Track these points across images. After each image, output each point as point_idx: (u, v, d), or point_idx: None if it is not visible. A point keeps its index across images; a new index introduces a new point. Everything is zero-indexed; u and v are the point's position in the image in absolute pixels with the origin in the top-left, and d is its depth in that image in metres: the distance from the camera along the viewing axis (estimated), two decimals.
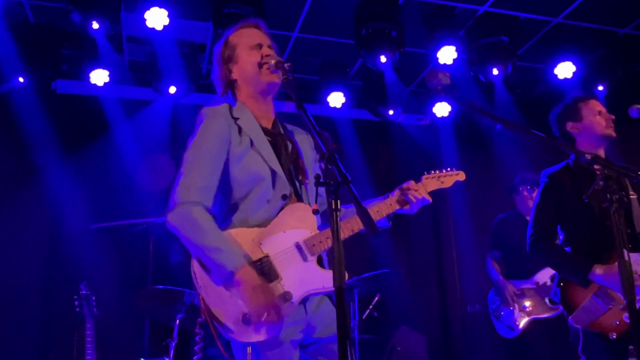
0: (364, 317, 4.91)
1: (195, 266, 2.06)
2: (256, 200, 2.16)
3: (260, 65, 2.26)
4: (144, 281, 4.73)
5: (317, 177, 1.71)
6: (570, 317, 2.87)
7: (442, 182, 2.46)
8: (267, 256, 2.09)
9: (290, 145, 2.33)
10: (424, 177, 2.43)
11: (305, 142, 2.42)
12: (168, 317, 4.05)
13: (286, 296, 2.04)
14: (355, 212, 2.18)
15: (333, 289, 2.09)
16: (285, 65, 2.17)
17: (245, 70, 2.30)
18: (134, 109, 5.71)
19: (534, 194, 4.73)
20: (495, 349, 5.05)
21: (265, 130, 2.28)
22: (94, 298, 4.21)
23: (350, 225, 2.21)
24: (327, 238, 2.15)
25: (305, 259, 2.13)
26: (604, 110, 3.12)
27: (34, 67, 4.87)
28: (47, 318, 5.12)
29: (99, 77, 5.21)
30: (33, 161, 5.21)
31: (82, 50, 5.11)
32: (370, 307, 5.00)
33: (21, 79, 4.94)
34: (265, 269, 2.07)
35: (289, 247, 2.12)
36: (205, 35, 5.23)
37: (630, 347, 2.88)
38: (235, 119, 2.23)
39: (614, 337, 2.74)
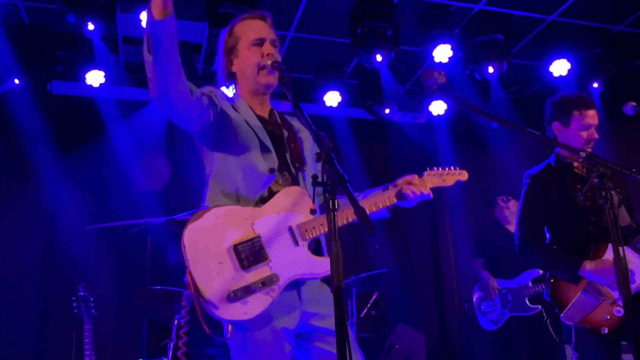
0: (362, 315, 4.93)
1: (186, 240, 2.04)
2: (243, 171, 2.16)
3: (259, 67, 2.27)
4: (141, 282, 4.74)
5: (314, 177, 1.72)
6: (561, 315, 2.89)
7: (444, 180, 2.44)
8: (258, 236, 2.08)
9: (287, 133, 2.33)
10: (425, 173, 2.41)
11: (303, 132, 2.42)
12: (166, 318, 4.05)
13: (273, 278, 2.04)
14: (347, 204, 2.19)
15: (321, 275, 2.11)
16: (282, 65, 2.18)
17: (244, 68, 2.32)
18: (130, 110, 5.70)
19: (509, 204, 5.20)
20: (492, 346, 5.07)
21: (262, 119, 2.30)
22: (92, 299, 4.21)
23: (345, 214, 2.19)
24: (321, 224, 2.14)
25: (296, 243, 2.11)
26: (593, 124, 3.07)
27: (29, 68, 4.86)
28: (45, 319, 5.12)
29: (95, 78, 5.20)
30: (29, 163, 5.21)
31: (77, 51, 5.10)
32: (368, 305, 5.02)
33: (17, 81, 4.93)
34: (255, 249, 2.06)
35: (281, 230, 2.11)
36: (200, 36, 5.22)
37: (623, 342, 2.90)
38: (233, 102, 2.30)
39: (606, 331, 2.76)
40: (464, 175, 2.50)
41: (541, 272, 4.89)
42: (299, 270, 2.09)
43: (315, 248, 2.22)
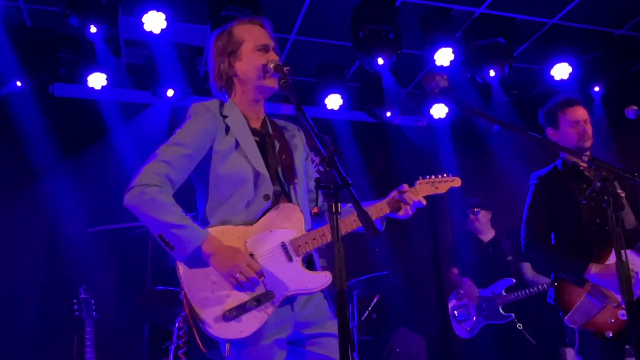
0: (363, 318, 4.93)
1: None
2: (238, 201, 2.14)
3: (265, 70, 2.23)
4: (142, 284, 4.73)
5: (317, 180, 1.72)
6: (565, 318, 2.89)
7: (437, 188, 2.43)
8: (251, 255, 2.08)
9: (278, 145, 2.29)
10: (417, 182, 2.41)
11: (296, 139, 2.40)
12: (167, 320, 4.05)
13: (268, 295, 2.04)
14: (346, 213, 2.21)
15: (315, 290, 2.13)
16: (285, 68, 2.17)
17: (247, 71, 2.27)
18: (132, 113, 5.71)
19: (479, 216, 5.35)
20: (494, 349, 5.07)
21: (254, 131, 2.26)
22: (93, 302, 4.21)
23: (347, 222, 2.20)
24: (314, 239, 2.14)
25: (290, 259, 2.12)
26: (582, 118, 3.14)
27: (31, 70, 4.86)
28: (46, 322, 5.12)
29: (97, 80, 5.20)
30: (31, 165, 5.20)
31: (79, 53, 5.11)
32: (369, 308, 5.02)
33: (19, 83, 4.94)
34: None
35: (274, 247, 2.12)
36: (202, 39, 5.23)
37: (627, 347, 2.90)
38: (224, 117, 2.22)
39: (610, 335, 2.76)
40: (456, 182, 2.50)
41: (514, 281, 5.05)
42: (294, 286, 2.09)
43: (308, 263, 2.22)
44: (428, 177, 2.44)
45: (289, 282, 2.09)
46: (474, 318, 5.07)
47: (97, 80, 5.20)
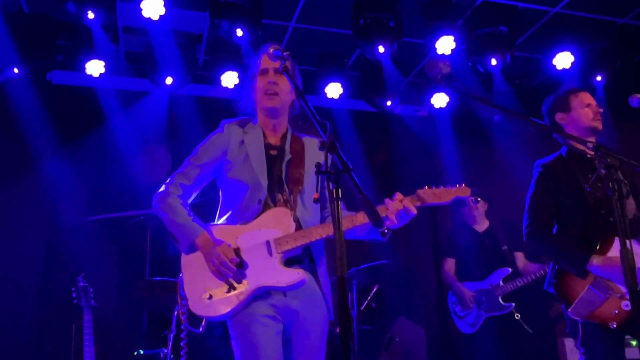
0: (362, 308, 4.93)
1: None
2: (238, 204, 2.47)
3: (263, 92, 2.54)
4: (141, 273, 4.72)
5: (317, 165, 1.71)
6: (569, 310, 2.86)
7: (440, 198, 2.58)
8: (238, 248, 2.38)
9: (289, 157, 2.54)
10: (419, 190, 2.51)
11: (314, 152, 2.61)
12: (166, 309, 4.04)
13: (242, 284, 2.33)
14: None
15: (286, 285, 2.33)
16: (284, 53, 2.25)
17: (256, 93, 2.60)
18: (130, 100, 5.67)
19: (479, 205, 5.33)
20: (493, 339, 5.07)
21: (269, 145, 2.55)
22: (91, 290, 4.22)
23: (328, 229, 2.33)
24: (295, 239, 2.36)
25: (270, 254, 2.36)
26: (593, 102, 3.14)
27: (28, 57, 4.82)
28: (44, 310, 5.11)
29: (95, 67, 5.16)
30: (29, 153, 5.18)
31: (77, 40, 5.06)
32: (369, 298, 5.02)
33: (16, 70, 4.90)
34: None
35: (259, 243, 2.38)
36: (201, 26, 5.18)
37: (627, 336, 2.88)
38: (245, 132, 2.56)
39: (614, 326, 2.74)
40: (464, 192, 2.72)
41: (510, 270, 5.06)
42: (267, 279, 2.34)
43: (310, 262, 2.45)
44: (434, 186, 2.56)
45: (263, 275, 2.34)
46: (475, 312, 5.06)
47: (95, 67, 5.16)
